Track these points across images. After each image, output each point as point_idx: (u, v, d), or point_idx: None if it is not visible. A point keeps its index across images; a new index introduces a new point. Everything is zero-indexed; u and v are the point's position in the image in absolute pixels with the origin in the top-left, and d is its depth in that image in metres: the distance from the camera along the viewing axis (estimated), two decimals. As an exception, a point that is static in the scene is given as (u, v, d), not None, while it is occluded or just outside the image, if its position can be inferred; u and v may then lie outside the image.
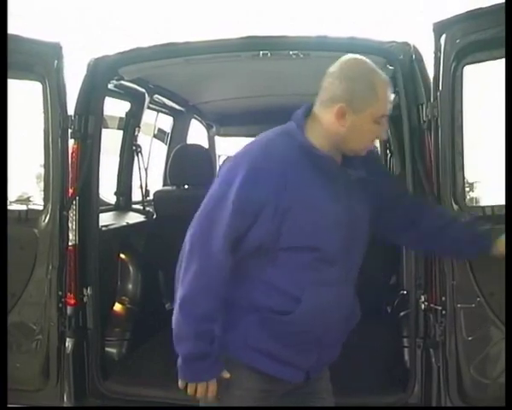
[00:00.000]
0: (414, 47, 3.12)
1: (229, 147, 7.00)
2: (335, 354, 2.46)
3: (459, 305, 2.88)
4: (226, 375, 2.26)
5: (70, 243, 3.29)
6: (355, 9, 12.30)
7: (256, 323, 2.25)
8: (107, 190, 4.50)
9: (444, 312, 2.92)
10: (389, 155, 5.45)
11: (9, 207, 3.30)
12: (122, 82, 3.86)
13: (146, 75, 4.09)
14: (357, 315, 2.48)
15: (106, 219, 3.99)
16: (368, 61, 2.28)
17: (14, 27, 2.93)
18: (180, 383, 2.30)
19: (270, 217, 2.15)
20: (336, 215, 2.24)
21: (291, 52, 3.28)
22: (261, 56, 3.29)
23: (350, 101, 2.20)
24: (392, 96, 2.28)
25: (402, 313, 3.50)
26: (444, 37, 2.85)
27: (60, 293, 3.26)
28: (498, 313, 2.82)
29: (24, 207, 3.42)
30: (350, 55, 2.32)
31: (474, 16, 2.83)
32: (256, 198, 2.15)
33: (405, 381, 3.16)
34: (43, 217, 3.24)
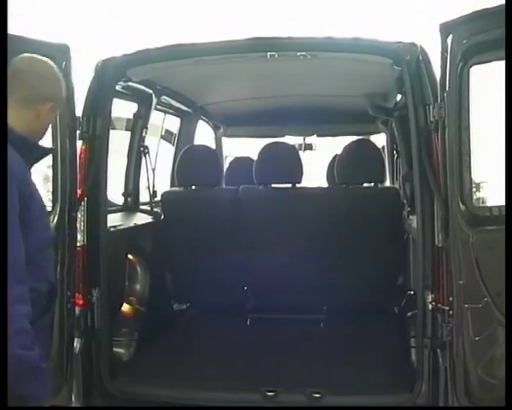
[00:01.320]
0: (421, 47, 3.12)
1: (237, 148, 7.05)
2: None
3: (466, 305, 2.88)
4: None
5: (78, 244, 3.30)
6: (355, 9, 12.28)
7: None
8: (115, 191, 4.51)
9: (451, 312, 2.92)
10: (396, 156, 5.45)
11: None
12: (130, 83, 3.86)
13: (153, 76, 4.09)
14: None
15: (114, 219, 4.00)
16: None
17: (14, 27, 2.93)
18: None
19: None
20: None
21: (298, 53, 3.28)
22: (268, 57, 3.29)
23: None
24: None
25: (409, 314, 3.51)
26: (450, 37, 2.85)
27: (68, 293, 3.26)
28: (505, 313, 2.82)
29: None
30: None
31: (481, 17, 2.82)
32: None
33: (413, 381, 3.16)
34: (52, 218, 3.24)
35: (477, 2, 2.88)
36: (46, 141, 3.24)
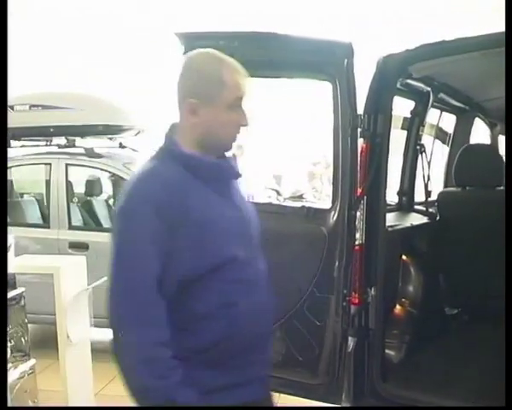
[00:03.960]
0: None
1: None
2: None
3: None
4: None
5: (356, 243, 3.29)
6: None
7: (196, 367, 2.11)
8: (390, 191, 4.49)
9: None
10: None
11: (291, 204, 3.40)
12: (408, 81, 3.79)
13: (433, 72, 3.98)
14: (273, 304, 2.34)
15: (389, 219, 3.95)
16: (211, 51, 2.20)
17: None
18: None
19: (179, 247, 2.04)
20: (236, 219, 2.20)
21: None
22: None
23: (198, 94, 2.12)
24: (245, 79, 2.12)
25: None
26: None
27: (345, 291, 3.28)
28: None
29: (312, 205, 3.50)
30: (195, 51, 2.24)
31: None
32: (160, 235, 2.03)
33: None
34: (332, 215, 3.27)
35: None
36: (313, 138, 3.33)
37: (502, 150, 6.07)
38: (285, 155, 15.25)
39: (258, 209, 2.36)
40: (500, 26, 2.64)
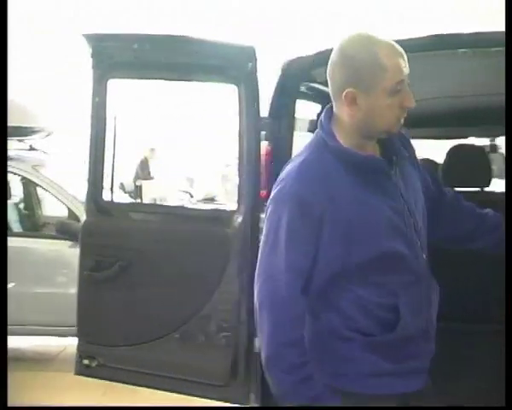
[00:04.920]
0: None
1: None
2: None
3: None
4: None
5: (261, 244, 3.31)
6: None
7: (362, 349, 2.14)
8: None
9: None
10: None
11: (200, 207, 3.40)
12: (313, 84, 3.84)
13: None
14: (437, 295, 2.35)
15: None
16: (365, 32, 2.08)
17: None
18: None
19: (328, 242, 2.05)
20: (392, 211, 2.11)
21: (493, 49, 3.10)
22: (460, 54, 3.14)
23: (356, 83, 2.02)
24: (405, 59, 2.05)
25: None
26: None
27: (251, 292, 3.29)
28: None
29: (217, 207, 3.51)
30: (346, 36, 2.10)
31: None
32: (307, 232, 2.04)
33: None
34: (236, 217, 3.29)
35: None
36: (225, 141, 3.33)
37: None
38: (198, 157, 15.22)
39: (166, 212, 2.35)
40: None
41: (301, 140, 4.33)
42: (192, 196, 12.92)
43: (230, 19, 11.83)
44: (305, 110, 4.43)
